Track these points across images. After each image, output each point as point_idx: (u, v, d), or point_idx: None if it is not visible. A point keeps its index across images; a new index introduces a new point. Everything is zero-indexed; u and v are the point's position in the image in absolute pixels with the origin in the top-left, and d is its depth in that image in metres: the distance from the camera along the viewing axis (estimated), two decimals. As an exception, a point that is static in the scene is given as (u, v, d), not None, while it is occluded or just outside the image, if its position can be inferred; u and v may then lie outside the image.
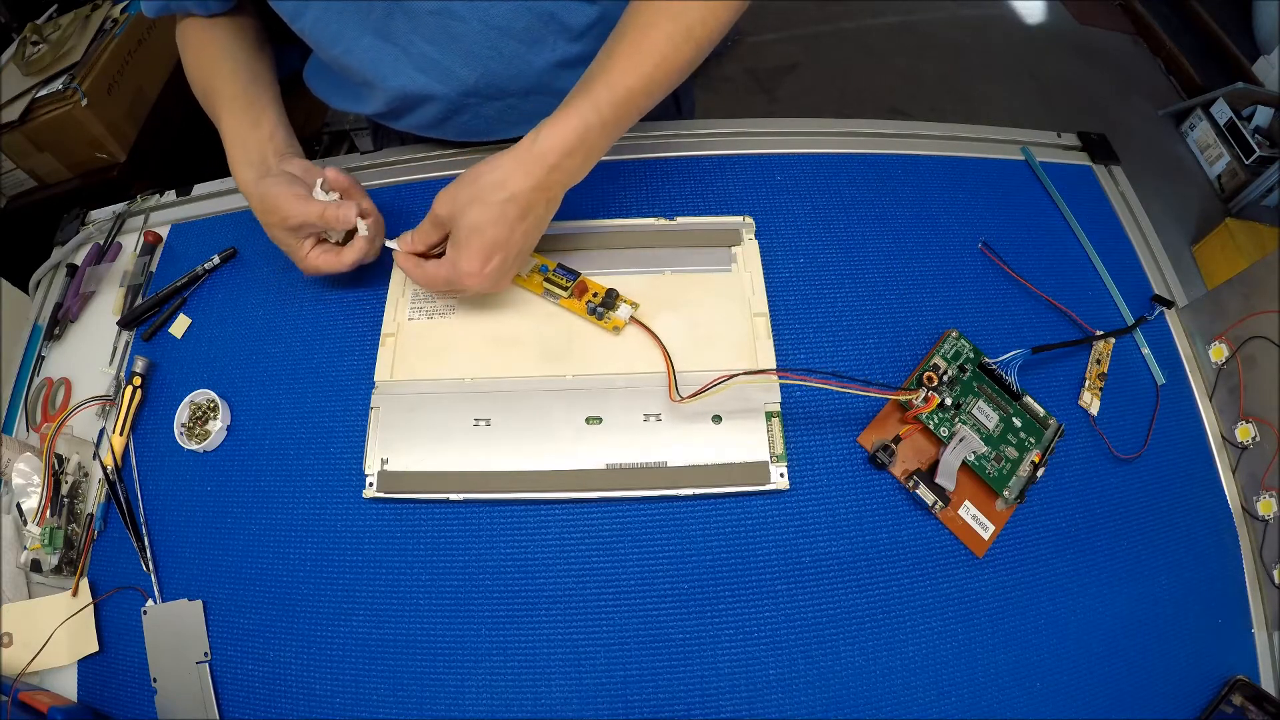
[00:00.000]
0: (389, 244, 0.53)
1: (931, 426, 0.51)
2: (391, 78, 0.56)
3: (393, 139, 0.74)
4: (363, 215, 0.51)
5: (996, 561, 0.49)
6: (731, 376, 0.48)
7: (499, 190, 0.46)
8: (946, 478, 0.49)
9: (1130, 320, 0.58)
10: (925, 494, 0.49)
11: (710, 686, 0.46)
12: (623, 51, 0.48)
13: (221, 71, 0.59)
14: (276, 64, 0.65)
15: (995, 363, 0.53)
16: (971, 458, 0.50)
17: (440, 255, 0.51)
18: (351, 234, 0.53)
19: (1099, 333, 0.57)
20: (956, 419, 0.51)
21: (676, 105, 0.79)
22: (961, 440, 0.50)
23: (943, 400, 0.51)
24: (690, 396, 0.49)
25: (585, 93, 0.47)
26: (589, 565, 0.49)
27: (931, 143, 0.67)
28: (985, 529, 0.49)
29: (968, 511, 0.50)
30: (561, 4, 0.55)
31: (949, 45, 2.18)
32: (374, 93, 0.59)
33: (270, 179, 0.52)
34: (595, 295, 0.55)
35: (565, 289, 0.56)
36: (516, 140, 0.48)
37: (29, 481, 0.53)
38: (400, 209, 0.64)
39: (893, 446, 0.51)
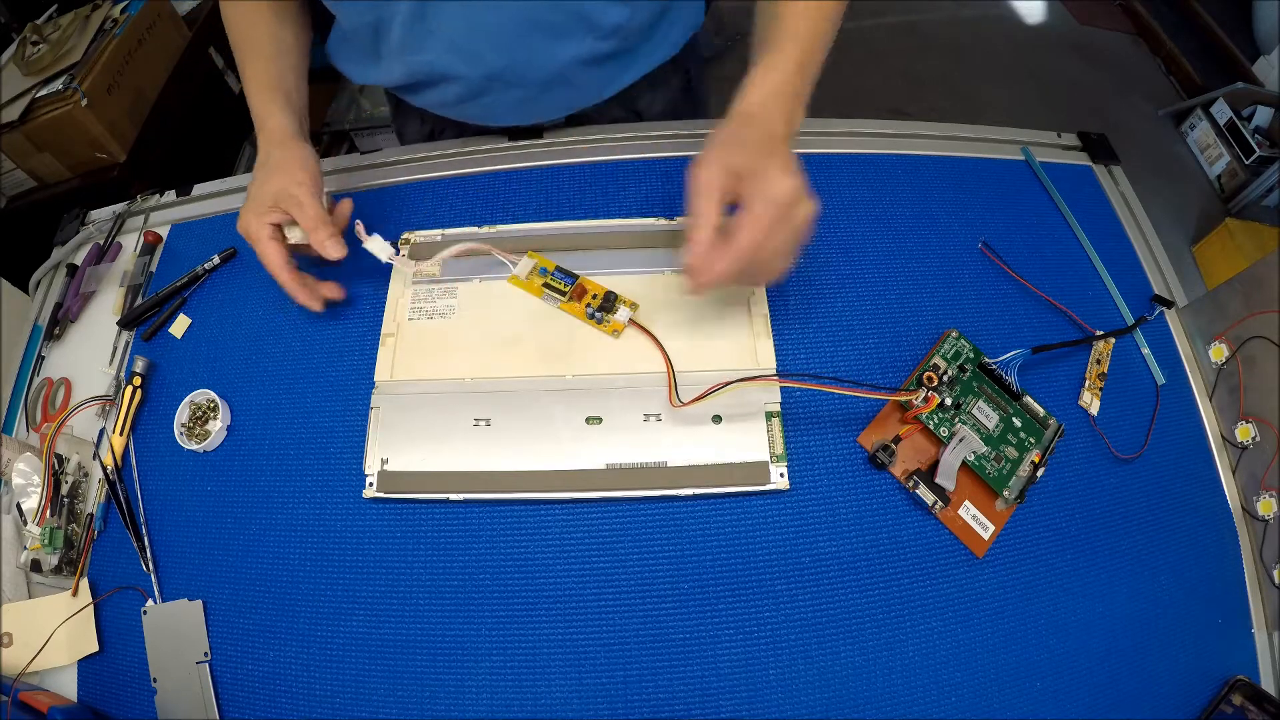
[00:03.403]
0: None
1: (931, 426, 0.51)
2: (419, 51, 0.57)
3: (411, 117, 0.75)
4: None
5: (996, 561, 0.49)
6: (729, 383, 0.49)
7: (771, 133, 0.46)
8: (946, 478, 0.49)
9: (1130, 320, 0.58)
10: (925, 494, 0.49)
11: (710, 686, 0.46)
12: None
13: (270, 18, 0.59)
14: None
15: (995, 363, 0.53)
16: (971, 458, 0.50)
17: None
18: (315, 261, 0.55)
19: (1099, 333, 0.57)
20: (956, 419, 0.51)
21: (691, 100, 0.78)
22: (961, 440, 0.50)
23: (943, 400, 0.51)
24: (690, 402, 0.49)
25: (776, 51, 0.48)
26: (589, 565, 0.49)
27: (931, 143, 0.67)
28: (985, 529, 0.49)
29: (968, 511, 0.50)
30: (594, 3, 0.55)
31: (949, 45, 2.18)
32: (396, 64, 0.59)
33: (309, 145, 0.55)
34: (594, 298, 0.55)
35: (564, 293, 0.56)
36: (531, 128, 0.50)
37: (29, 481, 0.53)
38: (401, 209, 0.64)
39: (893, 446, 0.51)
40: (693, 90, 0.76)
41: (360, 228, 0.54)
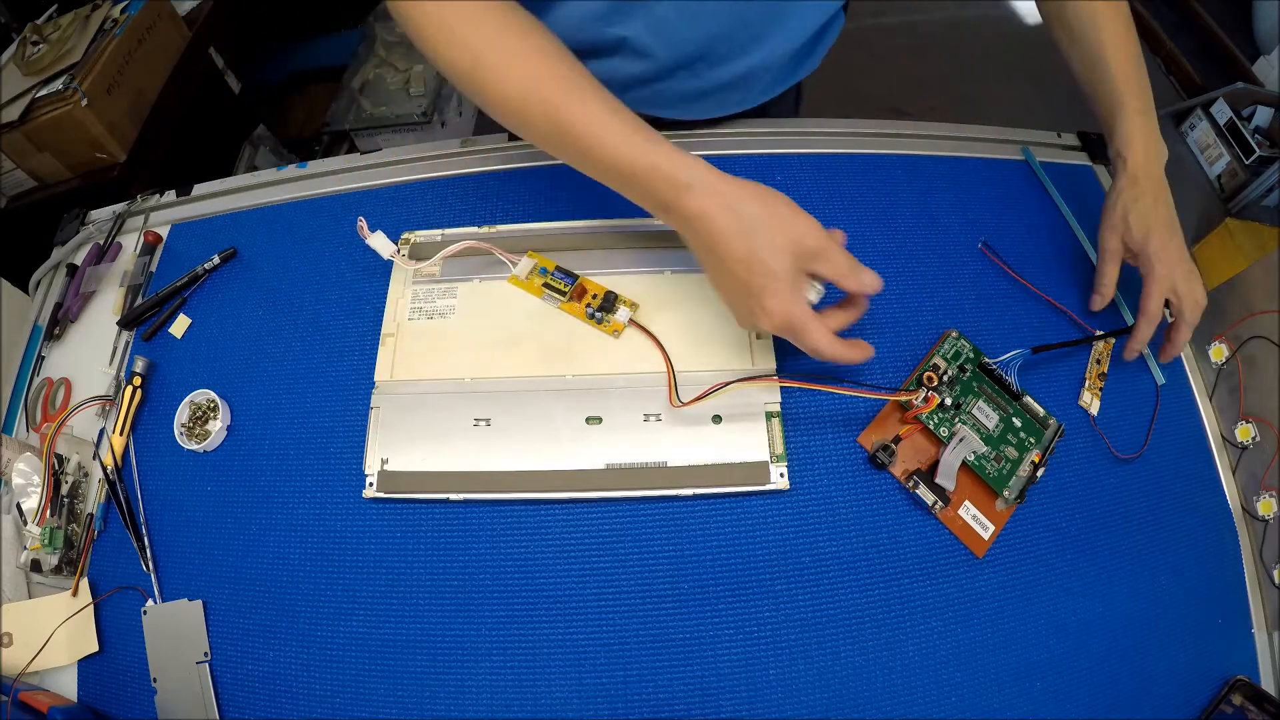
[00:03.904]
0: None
1: (931, 426, 0.51)
2: (620, 23, 0.53)
3: None
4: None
5: (996, 561, 0.49)
6: (728, 383, 0.49)
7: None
8: (946, 478, 0.49)
9: (1130, 320, 0.58)
10: (925, 494, 0.49)
11: (710, 686, 0.46)
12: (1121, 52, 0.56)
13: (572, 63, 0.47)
14: (275, 66, 0.65)
15: (995, 363, 0.53)
16: (971, 458, 0.50)
17: None
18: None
19: (1099, 333, 0.57)
20: (956, 419, 0.51)
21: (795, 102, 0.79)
22: (961, 440, 0.50)
23: (943, 400, 0.51)
24: (690, 402, 0.49)
25: (1129, 97, 0.55)
26: (589, 565, 0.49)
27: (931, 143, 0.67)
28: (985, 529, 0.49)
29: (967, 511, 0.50)
30: (800, 4, 0.55)
31: (949, 45, 2.18)
32: (588, 30, 0.53)
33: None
34: (594, 298, 0.55)
35: (564, 293, 0.56)
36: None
37: (29, 481, 0.53)
38: (401, 209, 0.64)
39: (893, 446, 0.51)
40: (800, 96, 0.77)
41: (363, 225, 0.54)
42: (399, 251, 0.56)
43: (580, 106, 0.44)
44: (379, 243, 0.55)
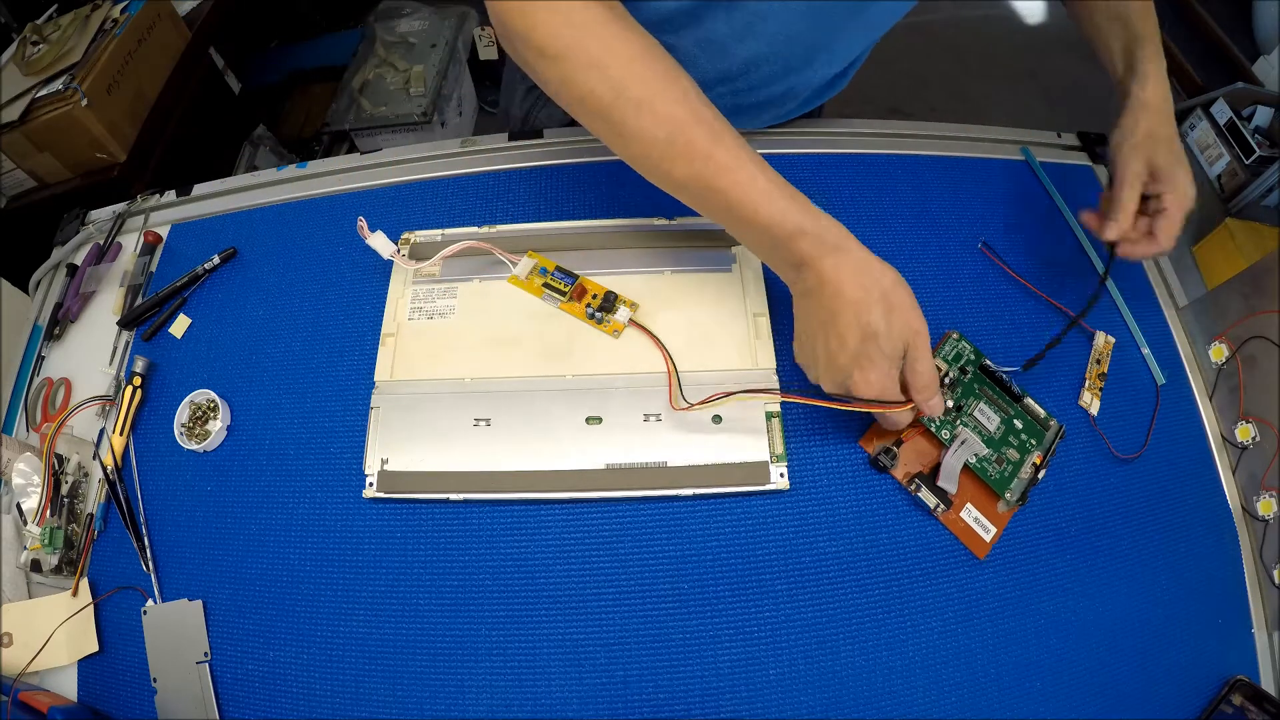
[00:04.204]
0: None
1: (933, 429, 0.51)
2: (669, 34, 0.53)
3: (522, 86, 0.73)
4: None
5: (996, 561, 0.49)
6: (730, 394, 0.49)
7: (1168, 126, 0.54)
8: (949, 481, 0.49)
9: (1131, 322, 0.58)
10: (927, 497, 0.49)
11: (710, 686, 0.46)
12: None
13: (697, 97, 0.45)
14: (275, 66, 0.64)
15: (996, 366, 0.53)
16: (973, 460, 0.50)
17: None
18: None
19: (1073, 313, 0.57)
20: (958, 421, 0.51)
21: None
22: (963, 443, 0.50)
23: (945, 403, 0.51)
24: (693, 406, 0.50)
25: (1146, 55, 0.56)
26: (589, 565, 0.49)
27: (931, 143, 0.67)
28: (987, 531, 0.49)
29: (969, 514, 0.50)
30: (846, 34, 0.56)
31: (949, 45, 2.18)
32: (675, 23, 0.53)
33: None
34: (594, 298, 0.55)
35: (564, 293, 0.56)
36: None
37: (29, 481, 0.53)
38: (401, 209, 0.64)
39: (894, 449, 0.51)
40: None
41: (363, 224, 0.54)
42: (399, 251, 0.56)
43: (726, 156, 0.43)
44: (379, 243, 0.55)
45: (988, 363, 0.53)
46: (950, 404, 0.51)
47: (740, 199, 0.43)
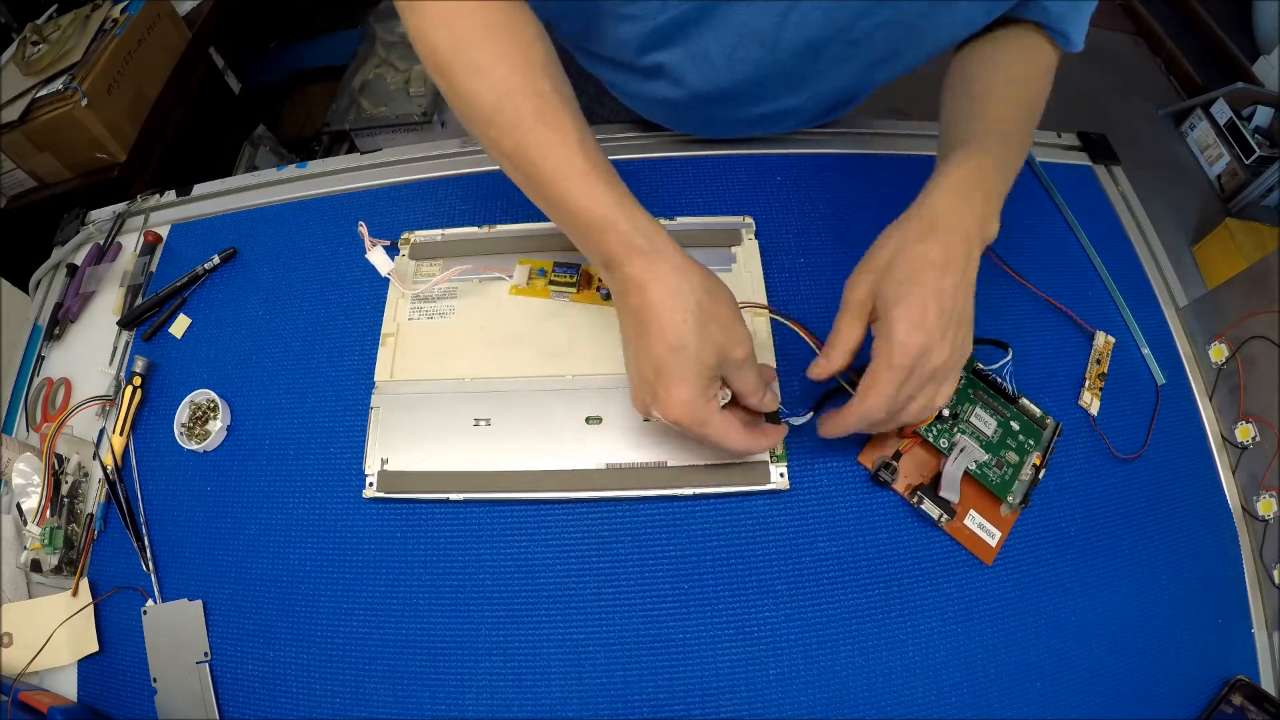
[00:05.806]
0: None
1: (931, 439, 0.50)
2: (659, 52, 0.51)
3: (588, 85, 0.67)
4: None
5: (997, 562, 0.49)
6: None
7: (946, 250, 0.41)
8: (950, 490, 0.49)
9: (1131, 322, 0.58)
10: (930, 509, 0.49)
11: (710, 686, 0.46)
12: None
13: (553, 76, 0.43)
14: (275, 66, 0.64)
15: (989, 368, 0.53)
16: (974, 467, 0.49)
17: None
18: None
19: (1074, 313, 0.56)
20: (955, 429, 0.51)
21: None
22: (962, 450, 0.49)
23: (940, 411, 0.51)
24: None
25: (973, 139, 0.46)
26: (589, 565, 0.49)
27: (931, 143, 0.67)
28: (992, 536, 0.49)
29: (973, 520, 0.49)
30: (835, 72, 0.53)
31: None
32: (628, 50, 0.52)
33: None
34: (601, 279, 0.55)
35: (572, 284, 0.56)
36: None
37: (29, 481, 0.53)
38: (401, 209, 0.64)
39: (894, 463, 0.50)
40: None
41: (363, 229, 0.54)
42: (399, 269, 0.56)
43: (548, 132, 0.41)
44: (378, 258, 0.55)
45: (981, 366, 0.53)
46: (947, 412, 0.51)
47: (551, 177, 0.41)
